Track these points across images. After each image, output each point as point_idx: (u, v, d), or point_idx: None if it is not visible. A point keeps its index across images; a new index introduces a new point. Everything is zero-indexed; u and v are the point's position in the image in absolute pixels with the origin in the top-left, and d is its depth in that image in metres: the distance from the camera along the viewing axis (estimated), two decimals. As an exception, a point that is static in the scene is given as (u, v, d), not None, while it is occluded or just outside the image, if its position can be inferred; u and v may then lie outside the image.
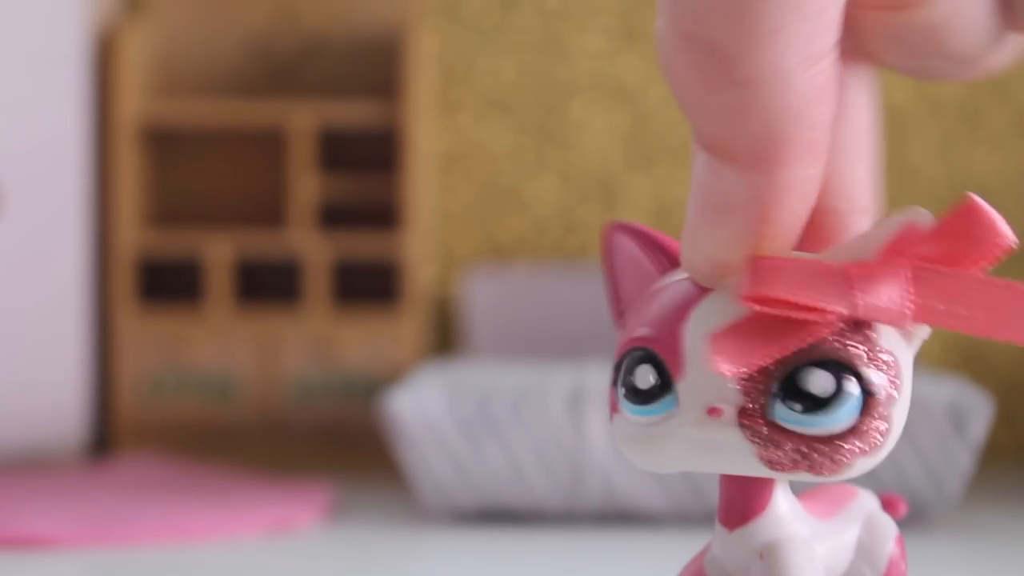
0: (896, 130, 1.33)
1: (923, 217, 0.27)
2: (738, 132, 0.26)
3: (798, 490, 0.29)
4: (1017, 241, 0.26)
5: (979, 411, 0.89)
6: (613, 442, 0.91)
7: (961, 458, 0.89)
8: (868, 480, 0.29)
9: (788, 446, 0.26)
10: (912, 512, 0.89)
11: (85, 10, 1.22)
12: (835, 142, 0.29)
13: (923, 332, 0.28)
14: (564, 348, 1.22)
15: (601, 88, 1.34)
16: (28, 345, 1.17)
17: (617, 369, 0.28)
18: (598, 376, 0.96)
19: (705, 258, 0.27)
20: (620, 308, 0.30)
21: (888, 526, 0.30)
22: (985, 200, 0.27)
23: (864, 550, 0.30)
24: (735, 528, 0.28)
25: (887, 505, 0.32)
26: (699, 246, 0.27)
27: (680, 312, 0.27)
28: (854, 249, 0.27)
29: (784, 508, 0.28)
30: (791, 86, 0.25)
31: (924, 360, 1.28)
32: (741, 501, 0.28)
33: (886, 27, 0.27)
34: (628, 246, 0.30)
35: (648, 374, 0.27)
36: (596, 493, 0.91)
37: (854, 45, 0.29)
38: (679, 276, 0.28)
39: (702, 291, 0.27)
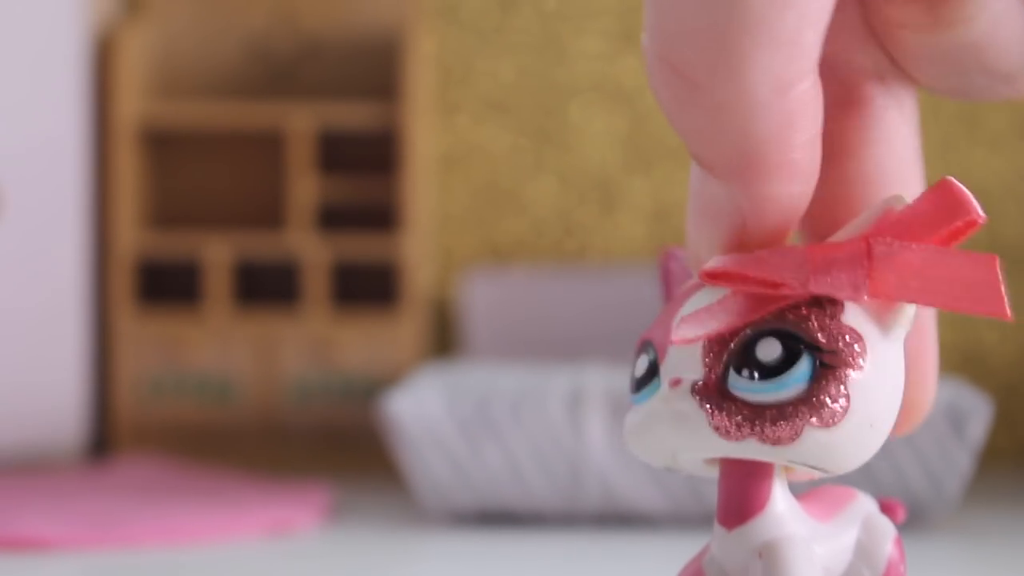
0: (895, 132, 1.33)
1: (898, 201, 0.27)
2: (712, 150, 0.26)
3: (797, 492, 0.29)
4: (985, 217, 0.26)
5: (978, 413, 0.89)
6: (613, 444, 0.91)
7: (960, 460, 0.89)
8: (866, 482, 0.29)
9: (735, 412, 0.27)
10: (911, 514, 0.89)
11: (84, 12, 1.22)
12: (876, 169, 0.29)
13: (901, 316, 0.28)
14: (563, 350, 1.22)
15: (600, 90, 1.34)
16: (27, 346, 1.17)
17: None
18: (597, 378, 0.96)
19: (694, 257, 0.28)
20: None
21: (887, 528, 0.31)
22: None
23: (863, 551, 0.30)
24: (733, 528, 0.28)
25: (886, 510, 0.32)
26: (690, 245, 0.28)
27: (677, 307, 0.29)
28: (836, 239, 0.27)
29: (783, 508, 0.28)
30: (763, 113, 0.25)
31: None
32: (739, 500, 0.28)
33: (923, 47, 0.27)
34: (680, 271, 0.31)
35: (643, 364, 0.29)
36: (595, 495, 0.91)
37: (892, 67, 0.28)
38: (693, 282, 0.29)
39: (698, 288, 0.29)
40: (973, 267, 0.26)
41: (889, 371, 0.27)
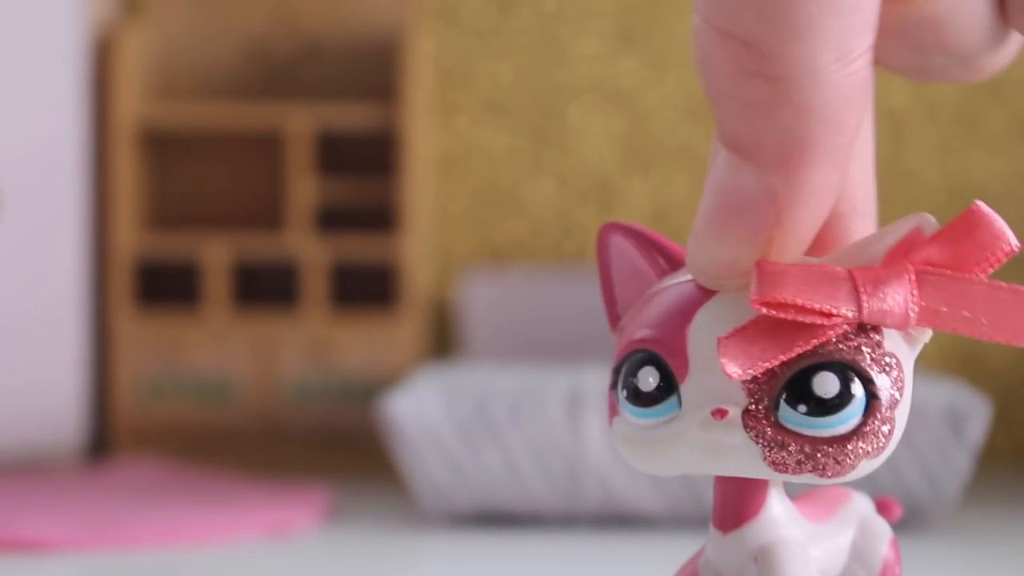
0: (894, 134, 1.33)
1: (928, 222, 0.27)
2: (765, 129, 0.26)
3: (792, 493, 0.29)
4: (1020, 245, 0.26)
5: (977, 414, 0.89)
6: (612, 445, 0.91)
7: (959, 461, 0.89)
8: (865, 483, 0.29)
9: (793, 447, 0.26)
10: (910, 515, 0.89)
11: (83, 13, 1.22)
12: None
13: (924, 336, 0.28)
14: (562, 351, 1.22)
15: (599, 91, 1.35)
16: (26, 347, 1.17)
17: (617, 372, 0.28)
18: (596, 379, 0.96)
19: (712, 259, 0.27)
20: (615, 311, 0.30)
21: (883, 529, 0.30)
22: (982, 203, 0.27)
23: (859, 553, 0.30)
24: (730, 531, 0.28)
25: (882, 508, 0.32)
26: (707, 247, 0.27)
27: (685, 314, 0.27)
28: (859, 253, 0.27)
29: (778, 511, 0.28)
30: (824, 85, 0.25)
31: (922, 363, 1.27)
32: (736, 504, 0.28)
33: (886, 19, 0.27)
34: (625, 247, 0.30)
35: (650, 376, 0.27)
36: (594, 496, 0.91)
37: None
38: (681, 278, 0.28)
39: (707, 294, 0.27)
40: (1016, 300, 0.26)
41: (911, 385, 0.27)
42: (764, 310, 0.26)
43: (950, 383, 0.97)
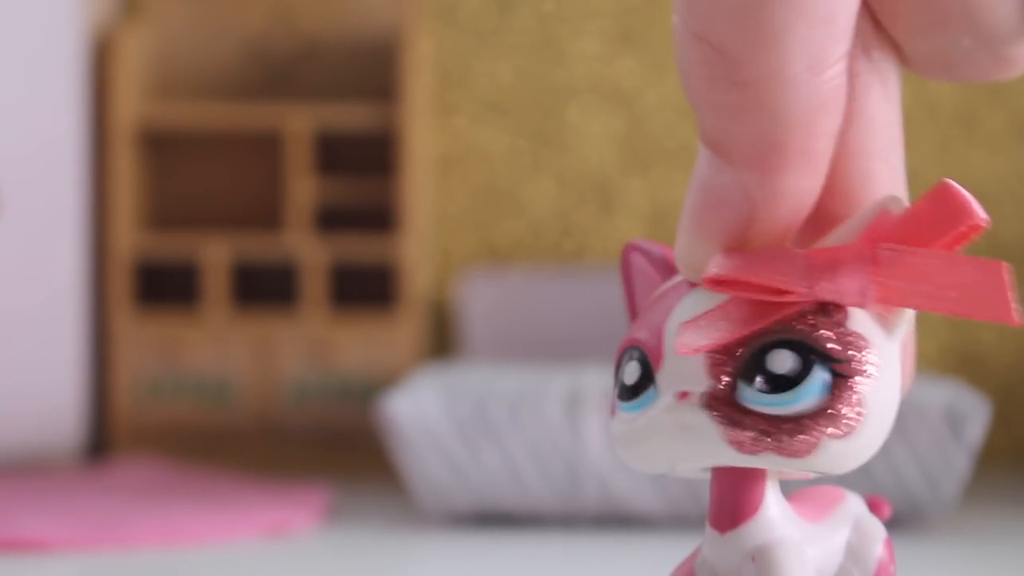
0: (893, 133, 1.33)
1: (895, 202, 0.27)
2: (738, 132, 0.26)
3: (786, 492, 0.29)
4: (989, 221, 0.26)
5: (976, 414, 0.89)
6: (611, 445, 0.91)
7: (958, 461, 0.89)
8: (864, 482, 0.29)
9: (752, 426, 0.26)
10: (909, 514, 0.89)
11: (82, 14, 1.22)
12: (857, 146, 0.28)
13: (901, 319, 0.27)
14: (561, 351, 1.22)
15: (598, 91, 1.35)
16: (26, 348, 1.17)
17: (616, 373, 0.29)
18: (595, 379, 0.96)
19: (691, 252, 0.27)
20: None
21: (877, 529, 0.30)
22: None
23: (853, 553, 0.30)
24: (726, 531, 0.28)
25: (872, 507, 0.32)
26: (687, 240, 0.27)
27: (667, 309, 0.28)
28: (831, 241, 0.27)
29: (775, 511, 0.28)
30: (795, 92, 0.25)
31: (921, 363, 1.28)
32: (732, 504, 0.28)
33: None
34: (642, 264, 0.30)
35: (635, 370, 0.28)
36: (593, 496, 0.91)
37: (876, 34, 0.28)
38: (677, 279, 0.29)
39: (689, 288, 0.28)
40: (980, 273, 0.26)
41: (892, 372, 0.27)
42: (714, 288, 0.26)
43: (949, 383, 0.97)
